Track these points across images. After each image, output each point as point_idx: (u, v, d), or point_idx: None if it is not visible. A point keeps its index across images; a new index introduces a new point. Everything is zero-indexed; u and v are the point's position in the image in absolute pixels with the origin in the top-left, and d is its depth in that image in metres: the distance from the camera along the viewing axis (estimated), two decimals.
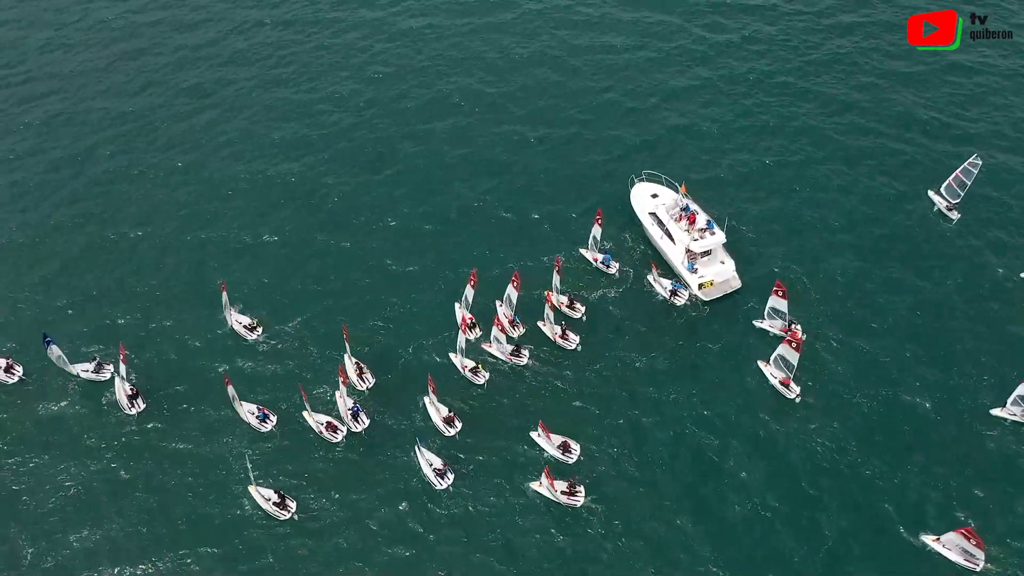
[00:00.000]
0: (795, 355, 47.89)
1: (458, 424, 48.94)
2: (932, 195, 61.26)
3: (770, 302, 52.19)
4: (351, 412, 48.90)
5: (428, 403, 49.56)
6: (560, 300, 54.74)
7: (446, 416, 48.92)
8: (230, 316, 54.22)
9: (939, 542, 42.52)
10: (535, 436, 48.18)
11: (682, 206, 57.36)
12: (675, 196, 58.62)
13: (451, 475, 46.68)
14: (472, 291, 52.98)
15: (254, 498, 45.90)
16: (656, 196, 59.80)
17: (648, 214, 59.03)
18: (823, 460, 47.16)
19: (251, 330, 53.92)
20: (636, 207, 60.05)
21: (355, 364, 51.43)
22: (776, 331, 52.52)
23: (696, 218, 56.65)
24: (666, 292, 55.51)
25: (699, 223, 56.42)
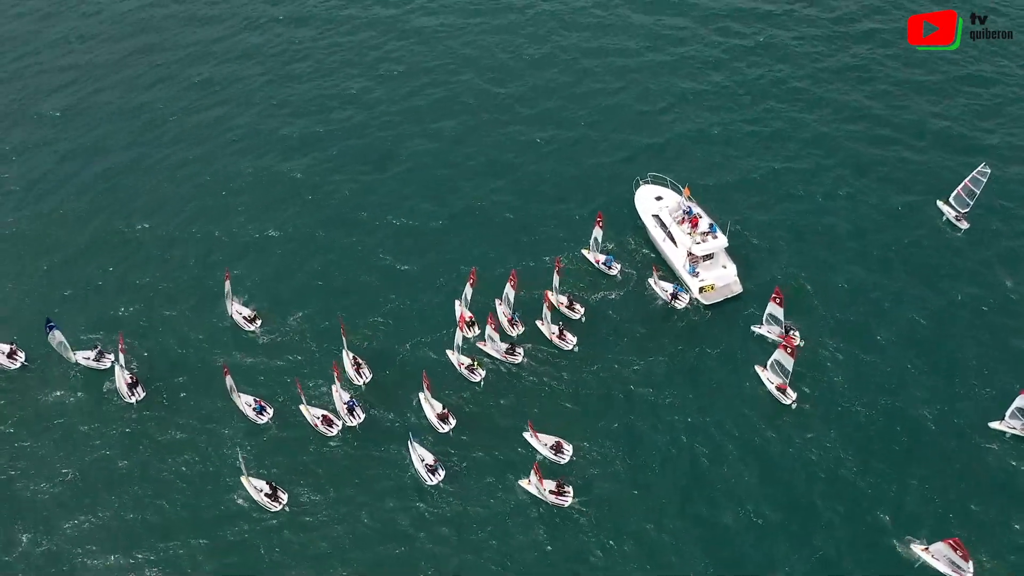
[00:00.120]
0: (790, 360, 47.52)
1: (452, 421, 48.94)
2: (941, 205, 60.63)
3: (768, 309, 51.87)
4: (347, 406, 49.06)
5: (423, 399, 49.61)
6: (559, 300, 54.63)
7: (440, 412, 48.94)
8: (231, 305, 54.56)
9: (928, 552, 42.04)
10: (527, 436, 48.09)
11: (685, 209, 57.10)
12: (678, 199, 58.38)
13: (442, 471, 46.67)
14: (471, 289, 53.01)
15: (247, 489, 46.13)
16: (660, 198, 59.59)
17: (651, 216, 58.80)
18: (819, 468, 46.68)
19: (250, 321, 54.24)
20: (640, 209, 59.84)
21: (352, 359, 51.58)
22: (774, 337, 52.16)
23: (699, 221, 56.35)
24: (667, 295, 55.26)
25: (702, 226, 56.09)
